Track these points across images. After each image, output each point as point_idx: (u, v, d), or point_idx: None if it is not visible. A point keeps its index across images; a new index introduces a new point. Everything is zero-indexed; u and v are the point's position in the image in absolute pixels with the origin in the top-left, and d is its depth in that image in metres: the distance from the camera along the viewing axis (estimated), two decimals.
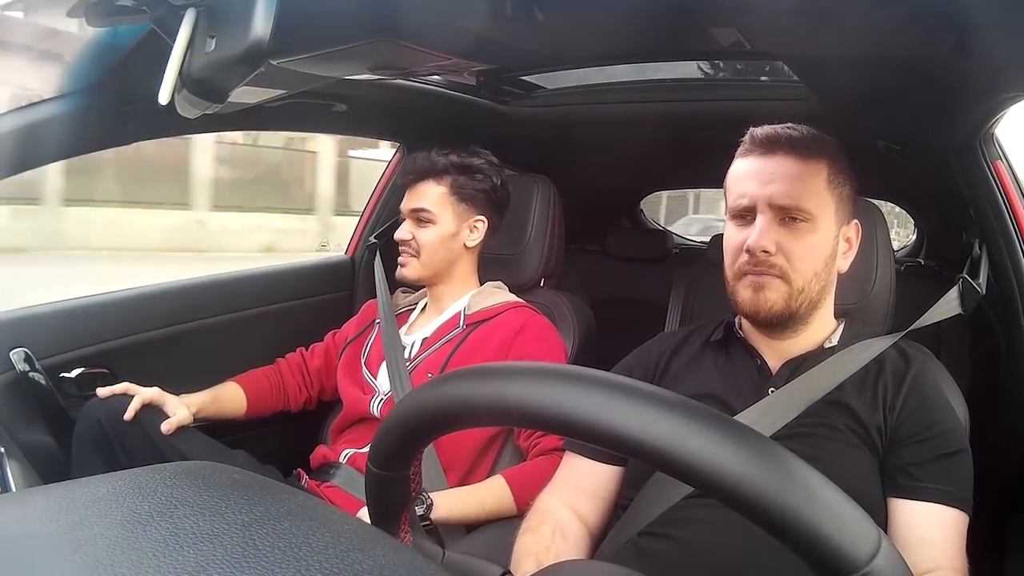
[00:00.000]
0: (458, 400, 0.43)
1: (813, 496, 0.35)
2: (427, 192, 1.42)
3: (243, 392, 1.44)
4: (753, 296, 0.96)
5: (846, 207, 0.99)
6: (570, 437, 0.33)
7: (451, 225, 1.42)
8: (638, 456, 0.37)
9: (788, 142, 0.96)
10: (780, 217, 0.94)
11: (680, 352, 1.08)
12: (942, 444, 0.89)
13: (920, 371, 0.96)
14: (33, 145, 1.04)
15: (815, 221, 0.94)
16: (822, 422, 0.91)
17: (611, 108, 1.63)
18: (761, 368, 1.01)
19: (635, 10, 0.88)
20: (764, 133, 0.98)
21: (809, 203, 0.94)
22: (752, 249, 0.94)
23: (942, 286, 1.18)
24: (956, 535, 0.85)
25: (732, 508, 0.36)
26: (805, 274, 0.95)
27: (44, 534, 0.34)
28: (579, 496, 1.01)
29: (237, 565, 0.30)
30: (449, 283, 1.45)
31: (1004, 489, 1.22)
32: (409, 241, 1.42)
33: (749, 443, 0.36)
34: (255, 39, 0.63)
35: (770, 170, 0.95)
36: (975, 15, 0.78)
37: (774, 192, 0.94)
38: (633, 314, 2.03)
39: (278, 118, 1.43)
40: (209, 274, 1.64)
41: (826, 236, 0.96)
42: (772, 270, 0.94)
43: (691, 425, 0.36)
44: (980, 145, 1.22)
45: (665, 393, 0.39)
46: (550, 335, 1.40)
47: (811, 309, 0.98)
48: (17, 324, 1.28)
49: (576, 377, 0.40)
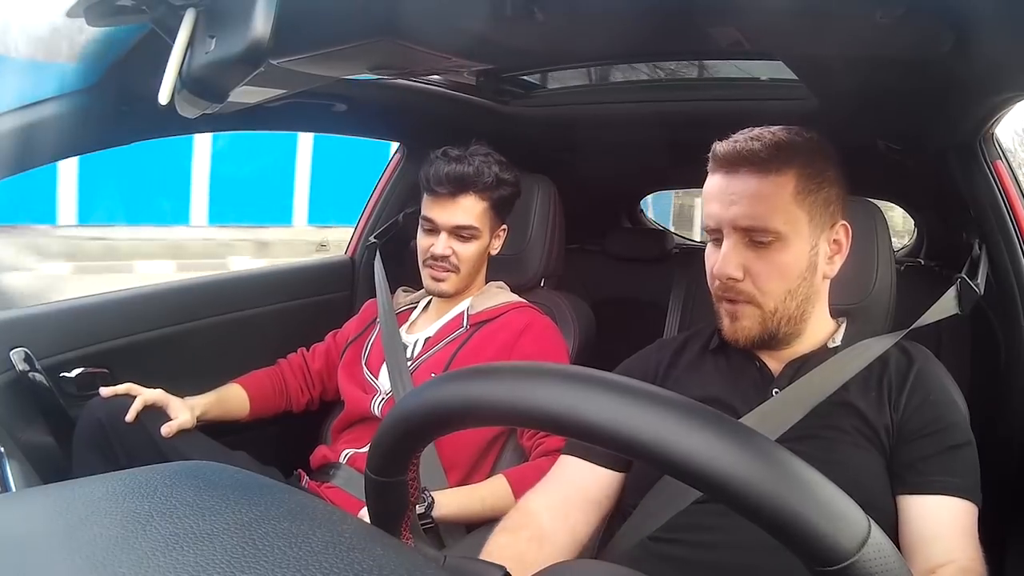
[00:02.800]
0: (446, 401, 0.43)
1: (800, 486, 0.35)
2: (470, 207, 1.36)
3: (246, 394, 1.44)
4: (731, 325, 0.96)
5: (824, 212, 0.95)
6: (588, 441, 0.33)
7: (487, 239, 1.41)
8: (634, 455, 0.37)
9: (749, 159, 0.92)
10: (746, 239, 0.92)
11: (680, 358, 1.07)
12: (948, 437, 0.89)
13: (923, 367, 0.96)
14: (33, 145, 1.04)
15: (784, 239, 0.91)
16: (829, 423, 0.91)
17: (611, 108, 1.63)
18: (762, 370, 1.00)
19: (635, 10, 0.88)
20: (724, 150, 0.94)
21: (775, 222, 0.91)
22: (717, 277, 0.94)
23: (942, 286, 1.17)
24: (968, 526, 0.85)
25: (721, 501, 0.36)
26: (776, 295, 0.93)
27: (44, 534, 0.34)
28: (570, 500, 0.97)
29: (237, 565, 0.30)
30: (468, 288, 1.45)
31: (1004, 488, 1.22)
32: (448, 257, 1.37)
33: (738, 437, 0.36)
34: (255, 39, 0.63)
35: (732, 190, 0.92)
36: (975, 15, 0.78)
37: (737, 214, 0.91)
38: (633, 314, 2.03)
39: (278, 118, 1.43)
40: (209, 274, 1.64)
41: (798, 252, 0.93)
42: (741, 296, 0.94)
43: (684, 422, 0.36)
44: (980, 145, 1.22)
45: (660, 392, 0.39)
46: (553, 336, 1.39)
47: (793, 324, 0.96)
48: (17, 324, 1.28)
49: (590, 379, 0.40)
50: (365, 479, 0.48)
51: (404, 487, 0.48)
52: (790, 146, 0.93)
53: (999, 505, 1.20)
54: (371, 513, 0.50)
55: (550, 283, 1.61)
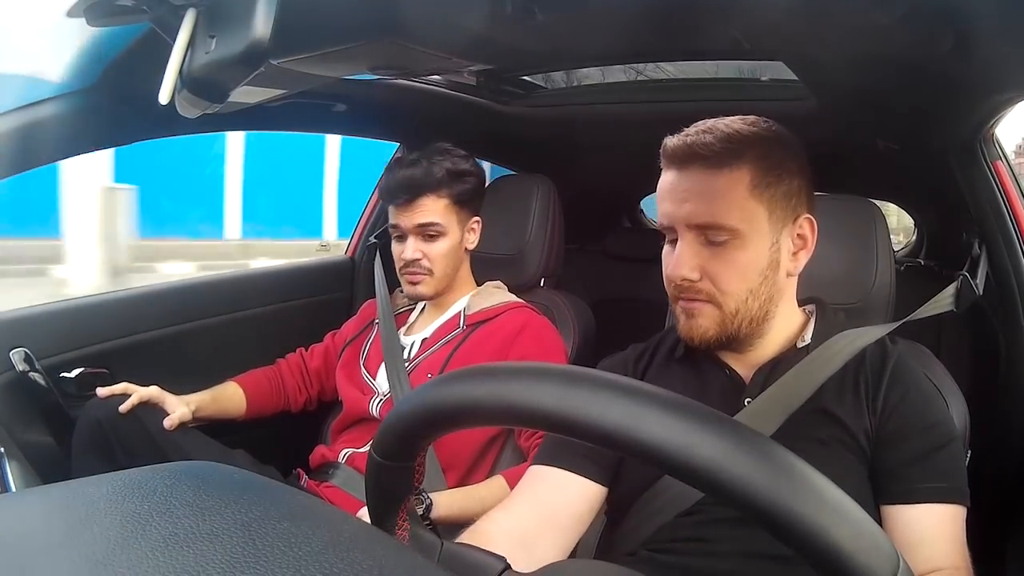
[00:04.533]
0: (469, 399, 0.43)
1: (839, 513, 0.35)
2: (429, 206, 1.37)
3: (243, 392, 1.44)
4: (686, 323, 0.90)
5: (786, 206, 0.88)
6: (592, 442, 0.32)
7: (457, 234, 1.41)
8: (660, 466, 0.36)
9: (700, 154, 0.86)
10: (701, 238, 0.87)
11: (652, 363, 1.02)
12: (928, 439, 0.84)
13: (899, 359, 0.90)
14: (33, 145, 1.04)
15: (742, 236, 0.86)
16: (805, 434, 0.85)
17: (611, 108, 1.63)
18: (732, 377, 0.93)
19: (635, 10, 0.87)
20: (674, 145, 0.89)
21: (730, 219, 0.85)
22: (671, 279, 0.89)
23: (942, 286, 1.17)
24: (955, 531, 0.82)
25: (758, 524, 0.35)
26: (737, 295, 0.87)
27: (44, 534, 0.34)
28: (540, 522, 0.87)
29: (237, 565, 0.30)
30: (453, 287, 1.45)
31: (1004, 489, 1.22)
32: (419, 260, 1.37)
33: (776, 457, 0.36)
34: (255, 39, 0.63)
35: (683, 187, 0.88)
36: (975, 15, 0.78)
37: (690, 212, 0.86)
38: (633, 314, 2.03)
39: (278, 118, 1.43)
40: (209, 274, 1.64)
41: (758, 249, 0.87)
42: (699, 295, 0.88)
43: (721, 438, 0.36)
44: (980, 145, 1.22)
45: (690, 403, 0.38)
46: (550, 335, 1.39)
47: (757, 324, 0.90)
48: (17, 324, 1.28)
49: (599, 382, 0.39)
50: (368, 461, 0.48)
51: (408, 473, 0.48)
52: (744, 138, 0.87)
53: (999, 506, 1.20)
54: (370, 497, 0.50)
55: (549, 283, 1.60)
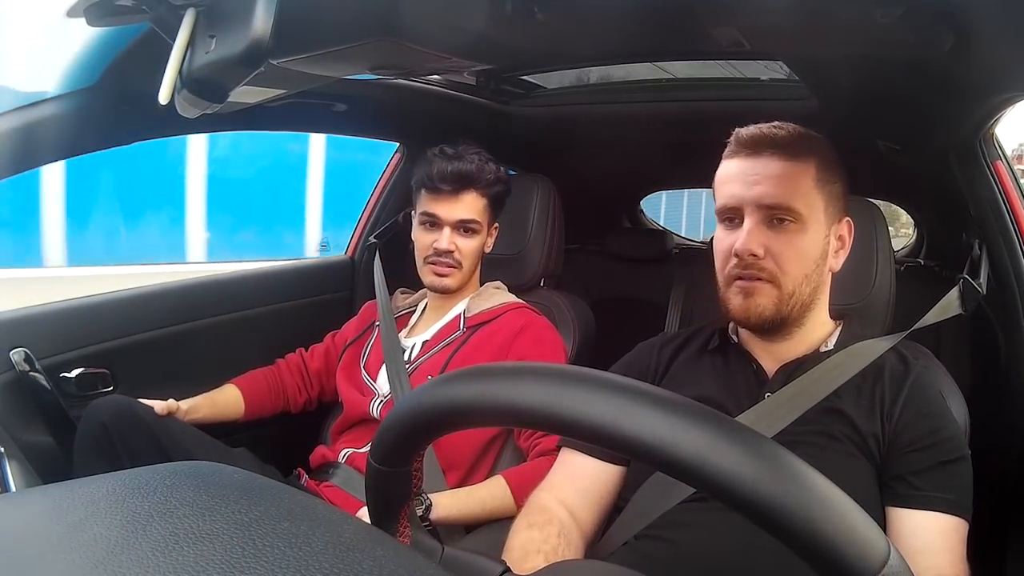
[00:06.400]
0: (462, 401, 0.43)
1: (826, 505, 0.35)
2: (472, 202, 1.38)
3: (240, 394, 1.44)
4: (744, 302, 0.95)
5: (837, 205, 0.97)
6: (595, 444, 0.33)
7: (485, 234, 1.43)
8: (648, 461, 0.37)
9: (774, 142, 0.94)
10: (768, 219, 0.93)
11: (680, 354, 1.08)
12: (942, 452, 0.87)
13: (919, 376, 0.94)
14: (33, 145, 1.04)
15: (804, 221, 0.93)
16: (818, 429, 0.90)
17: (611, 108, 1.63)
18: (758, 372, 1.00)
19: (635, 10, 0.87)
20: (749, 134, 0.96)
21: (797, 203, 0.92)
22: (740, 253, 0.93)
23: (942, 286, 1.18)
24: (957, 543, 0.84)
25: (746, 516, 0.36)
26: (795, 277, 0.93)
27: (44, 534, 0.34)
28: (576, 496, 0.98)
29: (237, 565, 0.30)
30: (465, 288, 1.46)
31: (1004, 490, 1.22)
32: (452, 252, 1.39)
33: (763, 450, 0.36)
34: (255, 39, 0.63)
35: (756, 171, 0.93)
36: (974, 15, 0.78)
37: (761, 193, 0.92)
38: (633, 314, 2.03)
39: (278, 118, 1.43)
40: (209, 274, 1.64)
41: (816, 236, 0.94)
42: (761, 274, 0.93)
43: (706, 432, 0.36)
44: (980, 145, 1.22)
45: (676, 398, 0.38)
46: (550, 336, 1.39)
47: (803, 312, 0.96)
48: (17, 324, 1.28)
49: (598, 381, 0.40)
50: (367, 468, 0.48)
51: (407, 478, 0.48)
52: (812, 137, 0.97)
53: (999, 506, 1.20)
54: (370, 503, 0.50)
55: (550, 283, 1.60)
